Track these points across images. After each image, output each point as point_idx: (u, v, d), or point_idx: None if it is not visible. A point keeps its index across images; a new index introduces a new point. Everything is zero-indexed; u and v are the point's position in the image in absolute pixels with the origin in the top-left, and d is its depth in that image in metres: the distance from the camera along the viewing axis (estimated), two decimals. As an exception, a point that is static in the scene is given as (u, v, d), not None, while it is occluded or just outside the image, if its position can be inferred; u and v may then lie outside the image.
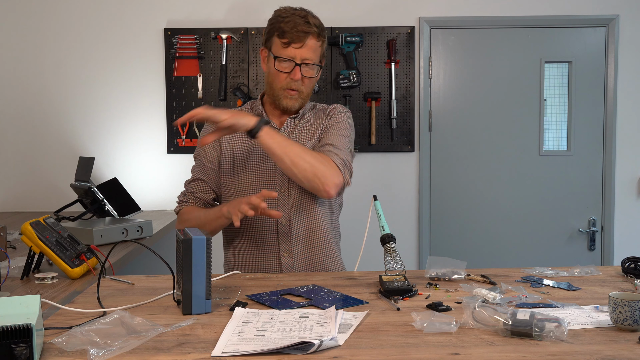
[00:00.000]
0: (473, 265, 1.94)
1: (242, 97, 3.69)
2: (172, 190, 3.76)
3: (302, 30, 1.91)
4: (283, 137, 1.87)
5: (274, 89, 1.99)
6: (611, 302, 1.32)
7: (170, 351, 1.21)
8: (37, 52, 3.75)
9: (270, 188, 1.95)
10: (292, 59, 1.93)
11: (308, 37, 1.92)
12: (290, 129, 2.03)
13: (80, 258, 1.86)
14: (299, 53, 1.92)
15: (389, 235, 1.77)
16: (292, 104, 1.98)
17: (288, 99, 1.98)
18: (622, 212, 3.84)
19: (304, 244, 2.01)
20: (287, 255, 1.99)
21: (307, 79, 1.97)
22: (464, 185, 3.84)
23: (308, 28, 1.92)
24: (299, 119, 2.05)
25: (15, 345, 1.10)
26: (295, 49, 1.92)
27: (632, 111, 3.82)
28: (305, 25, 1.92)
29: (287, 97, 1.97)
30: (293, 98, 1.98)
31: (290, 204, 1.99)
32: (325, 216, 2.04)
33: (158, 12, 3.75)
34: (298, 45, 1.92)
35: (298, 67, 1.93)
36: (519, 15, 3.77)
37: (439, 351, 1.21)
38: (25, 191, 3.79)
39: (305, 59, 1.94)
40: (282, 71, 1.95)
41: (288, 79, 1.95)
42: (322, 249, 2.03)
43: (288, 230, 1.99)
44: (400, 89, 3.77)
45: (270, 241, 2.00)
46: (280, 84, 1.97)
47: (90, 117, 3.77)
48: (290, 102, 1.98)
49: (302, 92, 1.98)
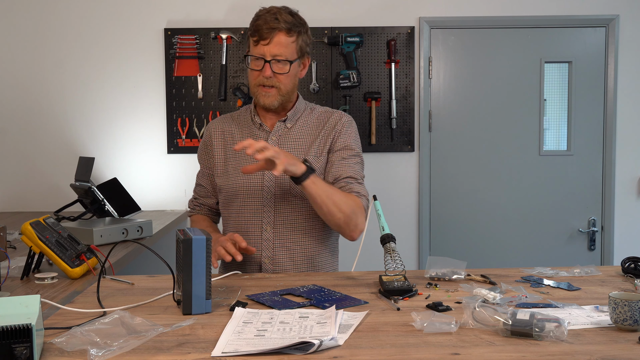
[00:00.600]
0: (473, 265, 1.94)
1: (242, 97, 3.69)
2: (172, 190, 3.77)
3: (269, 27, 1.92)
4: (324, 184, 1.88)
5: (251, 88, 2.01)
6: (611, 302, 1.32)
7: (170, 351, 1.21)
8: (37, 52, 3.75)
9: (259, 192, 1.98)
10: (261, 56, 1.93)
11: (274, 32, 1.92)
12: (280, 133, 2.02)
13: (80, 258, 1.86)
14: (268, 50, 1.92)
15: (389, 235, 1.77)
16: (269, 101, 1.97)
17: (263, 97, 1.97)
18: (622, 212, 3.84)
19: (287, 252, 1.99)
20: (269, 262, 1.99)
21: (281, 75, 1.95)
22: (464, 185, 3.84)
23: (276, 24, 1.92)
24: (291, 122, 2.03)
25: (15, 345, 1.10)
26: (264, 45, 1.93)
27: (632, 111, 3.82)
28: (273, 22, 1.92)
29: (262, 94, 1.97)
30: (269, 95, 1.96)
31: (276, 209, 1.98)
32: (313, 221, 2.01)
33: (158, 12, 3.75)
34: (266, 42, 1.92)
35: (268, 64, 1.93)
36: (519, 15, 3.77)
37: (439, 351, 1.21)
38: (25, 191, 3.79)
39: (275, 55, 1.93)
40: (254, 69, 1.96)
41: (260, 76, 1.95)
42: (307, 258, 2.01)
43: (271, 237, 1.99)
44: (400, 89, 3.77)
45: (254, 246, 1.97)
46: (254, 81, 1.97)
47: (90, 117, 3.78)
48: (267, 99, 1.97)
49: (280, 88, 1.96)
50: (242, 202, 2.00)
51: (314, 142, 2.02)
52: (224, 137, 2.08)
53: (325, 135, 2.03)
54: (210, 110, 3.74)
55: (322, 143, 2.02)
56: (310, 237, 2.01)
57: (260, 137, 2.02)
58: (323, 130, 2.03)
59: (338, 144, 2.01)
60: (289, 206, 1.98)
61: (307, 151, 2.01)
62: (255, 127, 2.05)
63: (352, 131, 2.05)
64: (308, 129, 2.04)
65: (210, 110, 3.74)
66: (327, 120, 2.05)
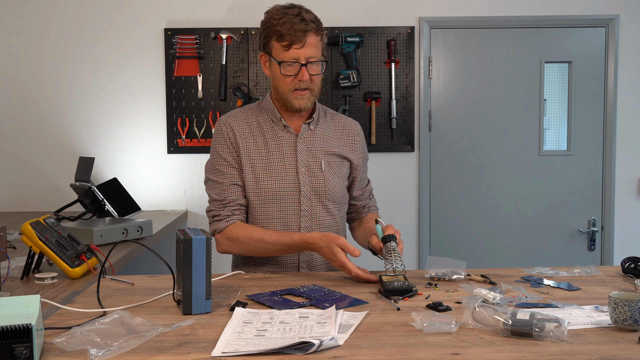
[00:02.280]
0: (473, 265, 1.94)
1: (242, 97, 3.69)
2: (172, 190, 3.77)
3: (300, 29, 1.86)
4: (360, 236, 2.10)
5: (283, 93, 1.95)
6: (611, 302, 1.32)
7: (170, 351, 1.21)
8: (37, 52, 3.75)
9: (296, 196, 1.97)
10: (296, 60, 1.89)
11: (307, 34, 1.87)
12: (307, 136, 2.02)
13: (80, 258, 1.86)
14: (302, 53, 1.88)
15: (390, 235, 1.77)
16: (304, 104, 1.95)
17: (299, 100, 1.94)
18: (622, 212, 3.84)
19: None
20: (306, 267, 2.00)
21: (315, 76, 1.94)
22: (464, 185, 3.84)
23: (305, 26, 1.87)
24: (314, 124, 2.03)
25: (15, 345, 1.10)
26: (297, 49, 1.87)
27: (632, 111, 3.82)
28: (302, 24, 1.86)
29: (298, 98, 1.94)
30: (304, 98, 1.94)
31: (312, 213, 1.99)
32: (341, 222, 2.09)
33: (158, 12, 3.75)
34: (299, 46, 1.87)
35: (304, 68, 1.89)
36: (519, 15, 3.77)
37: (439, 351, 1.21)
38: (25, 191, 3.79)
39: (309, 58, 1.90)
40: (288, 75, 1.91)
41: (295, 81, 1.91)
42: None
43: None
44: (400, 89, 3.77)
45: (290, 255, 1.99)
46: (287, 87, 1.93)
47: (90, 117, 3.77)
48: (302, 102, 1.94)
49: (313, 89, 1.95)
50: (277, 206, 1.96)
51: (337, 147, 2.05)
52: (246, 135, 1.99)
53: (346, 143, 2.08)
54: (210, 111, 3.74)
55: (344, 150, 2.06)
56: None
57: (286, 139, 2.00)
58: (342, 137, 2.08)
59: (364, 157, 2.14)
60: (323, 209, 1.99)
61: (331, 155, 2.03)
62: (279, 128, 2.01)
63: (364, 138, 2.18)
64: (329, 133, 2.06)
65: (210, 111, 3.74)
66: (344, 128, 2.10)
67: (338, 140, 2.06)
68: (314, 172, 1.99)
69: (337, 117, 2.11)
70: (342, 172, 2.04)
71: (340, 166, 2.03)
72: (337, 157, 2.04)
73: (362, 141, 2.12)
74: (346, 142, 2.07)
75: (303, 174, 1.98)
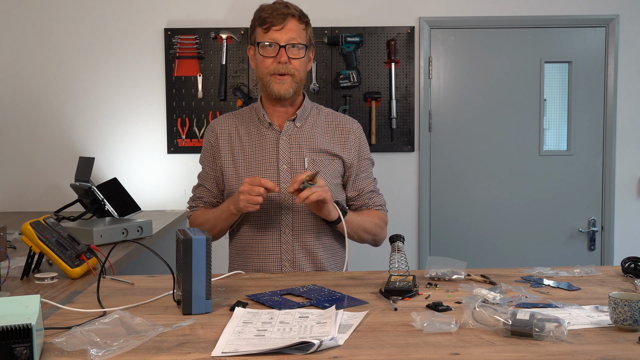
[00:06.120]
0: (473, 265, 1.94)
1: (242, 97, 3.69)
2: (172, 190, 3.77)
3: (280, 12, 1.89)
4: (354, 217, 1.97)
5: (262, 77, 1.94)
6: (611, 302, 1.32)
7: (170, 351, 1.21)
8: (37, 52, 3.75)
9: (276, 195, 1.96)
10: (275, 41, 1.90)
11: (288, 18, 1.90)
12: (291, 133, 2.00)
13: (80, 258, 1.86)
14: (282, 35, 1.89)
15: (398, 234, 1.77)
16: (284, 89, 1.92)
17: (277, 84, 1.91)
18: (622, 212, 3.84)
19: (306, 254, 2.00)
20: (289, 265, 1.99)
21: (296, 60, 1.92)
22: (464, 185, 3.84)
23: (287, 10, 1.90)
24: (300, 120, 2.01)
25: (15, 345, 1.10)
26: (277, 31, 1.89)
27: (632, 111, 3.82)
28: (284, 9, 1.91)
29: (276, 82, 1.92)
30: (284, 83, 1.91)
31: (295, 212, 1.98)
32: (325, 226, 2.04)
33: (158, 12, 3.75)
34: (279, 27, 1.89)
35: (283, 49, 1.89)
36: (519, 15, 3.77)
37: (439, 351, 1.21)
38: (25, 191, 3.79)
39: (290, 40, 1.90)
40: (267, 56, 1.91)
41: (275, 63, 1.90)
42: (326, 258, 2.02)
43: (291, 239, 1.98)
44: (400, 89, 3.77)
45: (274, 251, 1.99)
46: (266, 69, 1.92)
47: (90, 117, 3.77)
48: (281, 87, 1.91)
49: (294, 75, 1.92)
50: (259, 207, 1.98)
51: (325, 144, 2.01)
52: (230, 138, 2.03)
53: (337, 140, 2.03)
54: (210, 110, 3.74)
55: (335, 147, 2.02)
56: (328, 237, 2.03)
57: (269, 136, 2.00)
58: (334, 135, 2.04)
59: (360, 155, 2.06)
60: (306, 208, 1.96)
61: (318, 152, 2.00)
62: (264, 127, 2.01)
63: (365, 138, 2.11)
64: (318, 130, 2.03)
65: (210, 110, 3.74)
66: (338, 125, 2.05)
67: (329, 137, 2.03)
68: (296, 169, 1.97)
69: (333, 116, 2.08)
70: (331, 169, 2.00)
71: (328, 163, 2.00)
72: (326, 154, 2.00)
73: (357, 140, 2.05)
74: (338, 139, 2.03)
75: (284, 170, 1.97)
